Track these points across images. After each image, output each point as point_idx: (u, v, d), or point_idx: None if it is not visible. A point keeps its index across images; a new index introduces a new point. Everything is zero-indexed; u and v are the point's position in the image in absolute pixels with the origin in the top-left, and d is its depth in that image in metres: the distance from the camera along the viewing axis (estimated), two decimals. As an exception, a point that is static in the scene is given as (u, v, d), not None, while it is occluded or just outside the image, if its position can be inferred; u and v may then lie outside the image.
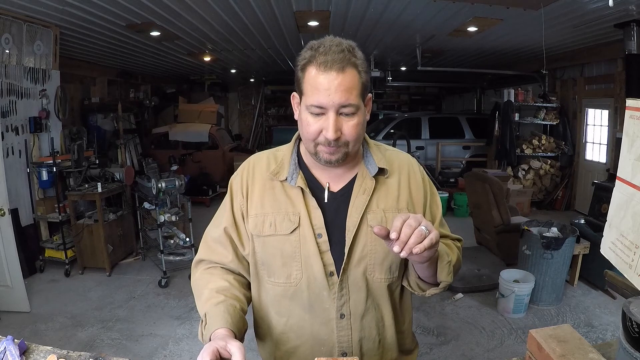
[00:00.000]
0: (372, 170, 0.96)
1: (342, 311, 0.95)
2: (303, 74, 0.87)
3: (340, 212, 0.95)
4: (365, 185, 0.95)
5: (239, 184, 1.01)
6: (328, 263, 0.93)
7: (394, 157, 1.02)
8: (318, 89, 0.84)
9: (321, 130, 0.86)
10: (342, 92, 0.83)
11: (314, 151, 0.90)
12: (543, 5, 3.63)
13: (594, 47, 5.30)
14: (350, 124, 0.86)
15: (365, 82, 0.88)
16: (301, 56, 0.88)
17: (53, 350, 0.96)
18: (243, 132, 11.51)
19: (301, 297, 0.96)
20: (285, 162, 0.98)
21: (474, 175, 4.59)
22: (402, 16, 4.34)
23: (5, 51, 3.69)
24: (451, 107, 11.76)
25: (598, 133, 5.92)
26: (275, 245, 0.95)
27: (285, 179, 0.96)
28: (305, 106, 0.88)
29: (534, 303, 3.24)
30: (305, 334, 0.97)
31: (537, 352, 0.85)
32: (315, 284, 0.94)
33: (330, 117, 0.84)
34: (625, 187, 0.77)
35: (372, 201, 0.95)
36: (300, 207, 0.94)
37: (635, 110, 0.76)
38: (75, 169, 4.03)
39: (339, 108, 0.84)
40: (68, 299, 3.47)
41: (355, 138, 0.88)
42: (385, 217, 0.95)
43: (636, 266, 0.71)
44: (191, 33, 4.92)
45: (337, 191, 0.97)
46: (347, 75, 0.83)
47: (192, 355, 2.71)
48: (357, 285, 0.95)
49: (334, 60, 0.82)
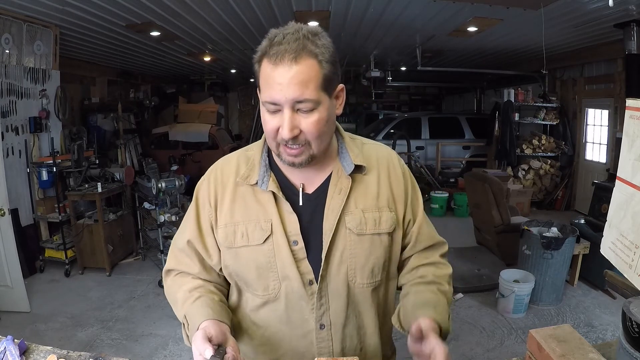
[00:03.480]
0: (347, 168, 0.89)
1: (322, 321, 0.89)
2: (258, 68, 0.80)
3: (316, 215, 0.88)
4: (341, 184, 0.89)
5: (206, 192, 0.93)
6: (306, 271, 0.87)
7: (372, 152, 0.95)
8: (270, 83, 0.76)
9: (279, 128, 0.79)
10: (295, 86, 0.75)
11: (277, 152, 0.84)
12: (543, 5, 3.63)
13: (594, 47, 5.30)
14: (309, 121, 0.78)
15: (329, 74, 0.78)
16: (257, 48, 0.80)
17: (53, 350, 0.96)
18: (243, 132, 11.51)
19: (278, 308, 0.89)
20: (256, 163, 0.91)
21: (474, 175, 4.59)
22: (402, 16, 4.34)
23: (5, 51, 3.69)
24: (451, 107, 11.77)
25: (598, 133, 5.92)
26: (248, 256, 0.88)
27: (256, 183, 0.88)
28: (262, 102, 0.81)
29: (534, 303, 3.24)
30: (283, 347, 0.91)
31: (537, 352, 0.85)
32: (293, 294, 0.87)
33: (285, 114, 0.77)
34: (625, 187, 0.77)
35: (350, 201, 0.88)
36: (272, 213, 0.87)
37: (635, 110, 0.76)
38: (75, 169, 4.03)
39: (294, 104, 0.76)
40: (68, 299, 3.47)
41: (316, 136, 0.80)
42: (365, 218, 0.88)
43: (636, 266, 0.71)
44: (191, 33, 4.92)
45: (311, 192, 0.90)
46: (302, 66, 0.75)
47: (192, 355, 2.70)
48: (337, 293, 0.88)
49: (286, 50, 0.74)
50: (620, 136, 0.94)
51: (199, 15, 4.16)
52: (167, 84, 9.67)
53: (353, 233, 0.88)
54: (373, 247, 0.89)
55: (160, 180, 3.80)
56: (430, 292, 0.94)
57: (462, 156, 7.83)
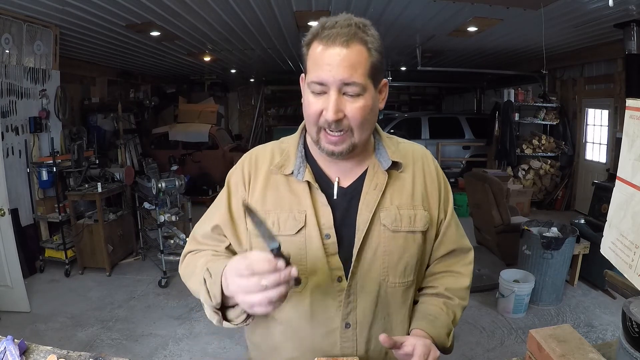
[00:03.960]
0: (384, 164, 0.88)
1: (348, 320, 0.86)
2: (307, 50, 0.80)
3: (350, 210, 0.86)
4: (377, 179, 0.87)
5: (240, 176, 0.92)
6: (336, 267, 0.84)
7: (407, 150, 0.95)
8: (319, 64, 0.76)
9: (322, 111, 0.78)
10: (345, 68, 0.75)
11: (317, 138, 0.82)
12: (543, 5, 3.63)
13: (594, 47, 5.30)
14: (354, 106, 0.77)
15: (377, 63, 0.78)
16: (308, 32, 0.81)
17: (53, 350, 0.96)
18: (243, 132, 11.51)
19: (304, 304, 0.86)
20: (291, 154, 0.89)
21: (474, 175, 4.59)
22: (402, 16, 4.34)
23: (5, 51, 3.69)
24: (451, 107, 11.76)
25: (598, 133, 5.92)
26: None
27: (291, 173, 0.87)
28: (307, 84, 0.80)
29: (534, 303, 3.24)
30: (304, 345, 0.87)
31: (537, 352, 0.85)
32: (319, 290, 0.85)
33: (332, 95, 0.76)
34: (625, 187, 0.77)
35: (385, 197, 0.87)
36: (307, 205, 0.85)
37: (635, 110, 0.76)
38: (75, 169, 4.03)
39: (342, 86, 0.76)
40: (68, 299, 3.47)
41: (359, 122, 0.79)
42: (400, 215, 0.87)
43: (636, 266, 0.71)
44: (191, 33, 4.92)
45: (346, 187, 0.88)
46: (352, 51, 0.75)
47: (192, 355, 2.71)
48: (366, 291, 0.86)
49: (338, 33, 0.75)
50: (620, 136, 0.94)
51: (199, 15, 4.16)
52: (167, 84, 9.68)
53: (388, 229, 0.86)
54: (407, 245, 0.88)
55: (160, 180, 3.80)
56: (433, 305, 0.93)
57: (462, 156, 7.83)
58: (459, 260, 0.99)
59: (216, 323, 0.79)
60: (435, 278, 0.98)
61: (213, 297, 0.75)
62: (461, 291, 0.97)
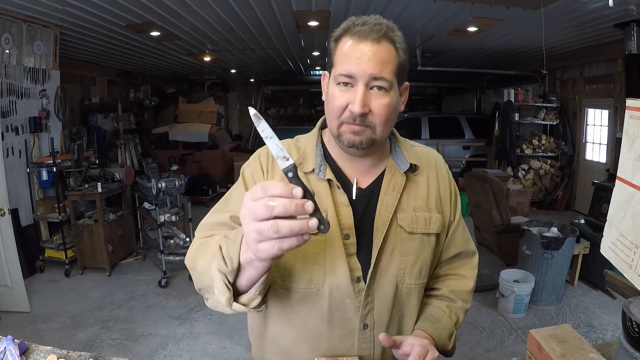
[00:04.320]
0: (402, 166, 0.88)
1: (366, 321, 0.85)
2: (336, 45, 0.81)
3: (368, 211, 0.86)
4: (395, 181, 0.88)
5: (258, 168, 0.89)
6: (355, 268, 0.83)
7: (421, 153, 0.95)
8: (349, 57, 0.77)
9: (347, 104, 0.78)
10: (375, 63, 0.75)
11: (337, 132, 0.81)
12: (543, 5, 3.63)
13: (594, 47, 5.30)
14: (380, 102, 0.77)
15: (403, 63, 0.80)
16: (337, 28, 0.82)
17: (53, 350, 0.96)
18: (243, 132, 11.50)
19: (321, 305, 0.84)
20: (309, 152, 0.88)
21: (474, 175, 4.59)
22: (402, 16, 4.33)
23: (5, 51, 3.69)
24: (451, 107, 11.76)
25: (598, 133, 5.92)
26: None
27: (312, 171, 0.85)
28: (333, 77, 0.80)
29: (534, 303, 3.24)
30: (321, 347, 0.86)
31: (537, 352, 0.85)
32: (338, 290, 0.83)
33: (359, 88, 0.76)
34: (625, 187, 0.77)
35: (402, 199, 0.87)
36: (328, 204, 0.83)
37: (635, 110, 0.76)
38: (75, 169, 4.03)
39: (370, 80, 0.76)
40: (68, 299, 3.47)
41: (384, 119, 0.79)
42: (416, 217, 0.87)
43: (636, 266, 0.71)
44: (191, 33, 4.92)
45: (365, 188, 0.88)
46: (382, 48, 0.77)
47: (192, 355, 2.71)
48: (384, 292, 0.85)
49: (371, 30, 0.77)
50: (620, 136, 0.94)
51: (199, 15, 4.16)
52: (167, 84, 9.68)
53: (405, 231, 0.86)
54: (422, 246, 0.88)
55: (160, 180, 3.80)
56: (437, 307, 0.94)
57: (462, 156, 7.83)
58: (464, 263, 0.99)
59: (225, 303, 0.68)
60: (439, 280, 0.98)
61: (229, 261, 0.66)
62: (465, 294, 0.97)
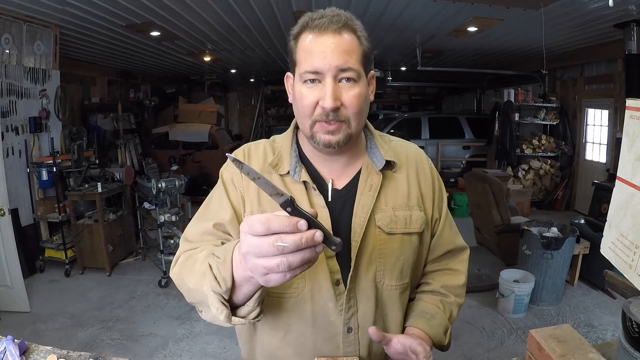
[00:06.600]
0: (378, 164, 0.85)
1: (350, 324, 0.84)
2: (296, 42, 0.78)
3: (345, 212, 0.84)
4: (371, 180, 0.85)
5: (237, 170, 0.80)
6: (334, 270, 0.82)
7: (400, 148, 0.92)
8: (312, 52, 0.74)
9: (317, 101, 0.74)
10: (339, 54, 0.73)
11: (310, 133, 0.78)
12: (543, 5, 3.63)
13: (594, 47, 5.30)
14: (351, 94, 0.75)
15: (367, 51, 0.78)
16: (295, 26, 0.80)
17: (53, 350, 0.96)
18: (243, 132, 11.51)
19: (304, 309, 0.83)
20: (284, 153, 0.86)
21: (474, 175, 4.59)
22: (402, 16, 4.34)
23: (5, 51, 3.69)
24: (451, 107, 11.76)
25: (598, 133, 5.92)
26: None
27: (287, 173, 0.83)
28: (298, 76, 0.77)
29: (534, 303, 3.24)
30: (306, 351, 0.85)
31: (537, 352, 0.85)
32: (319, 294, 0.82)
33: (328, 82, 0.73)
34: (625, 187, 0.77)
35: (380, 199, 0.85)
36: (304, 206, 0.78)
37: (635, 110, 0.76)
38: (75, 169, 4.03)
39: (337, 72, 0.74)
40: (68, 299, 3.47)
41: (357, 111, 0.76)
42: (395, 216, 0.85)
43: (636, 266, 0.71)
44: (191, 33, 4.92)
45: (341, 188, 0.86)
46: (344, 38, 0.74)
47: (192, 355, 2.71)
48: (366, 295, 0.84)
49: (330, 21, 0.74)
50: (620, 136, 0.94)
51: (199, 15, 4.16)
52: (167, 84, 9.67)
53: (383, 232, 0.84)
54: (403, 247, 0.86)
55: (160, 180, 3.80)
56: (430, 302, 0.93)
57: (462, 156, 7.83)
58: (455, 258, 0.99)
59: (223, 320, 0.64)
60: (431, 275, 0.97)
61: (222, 282, 0.62)
62: (457, 288, 0.97)
